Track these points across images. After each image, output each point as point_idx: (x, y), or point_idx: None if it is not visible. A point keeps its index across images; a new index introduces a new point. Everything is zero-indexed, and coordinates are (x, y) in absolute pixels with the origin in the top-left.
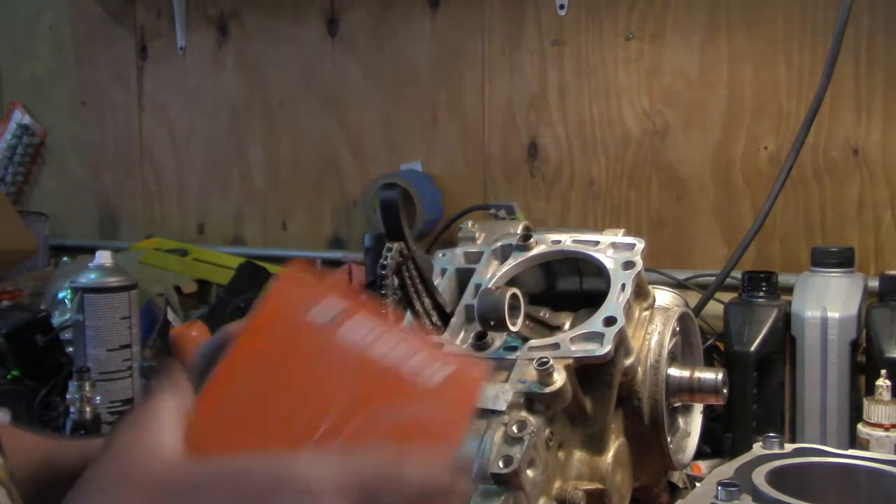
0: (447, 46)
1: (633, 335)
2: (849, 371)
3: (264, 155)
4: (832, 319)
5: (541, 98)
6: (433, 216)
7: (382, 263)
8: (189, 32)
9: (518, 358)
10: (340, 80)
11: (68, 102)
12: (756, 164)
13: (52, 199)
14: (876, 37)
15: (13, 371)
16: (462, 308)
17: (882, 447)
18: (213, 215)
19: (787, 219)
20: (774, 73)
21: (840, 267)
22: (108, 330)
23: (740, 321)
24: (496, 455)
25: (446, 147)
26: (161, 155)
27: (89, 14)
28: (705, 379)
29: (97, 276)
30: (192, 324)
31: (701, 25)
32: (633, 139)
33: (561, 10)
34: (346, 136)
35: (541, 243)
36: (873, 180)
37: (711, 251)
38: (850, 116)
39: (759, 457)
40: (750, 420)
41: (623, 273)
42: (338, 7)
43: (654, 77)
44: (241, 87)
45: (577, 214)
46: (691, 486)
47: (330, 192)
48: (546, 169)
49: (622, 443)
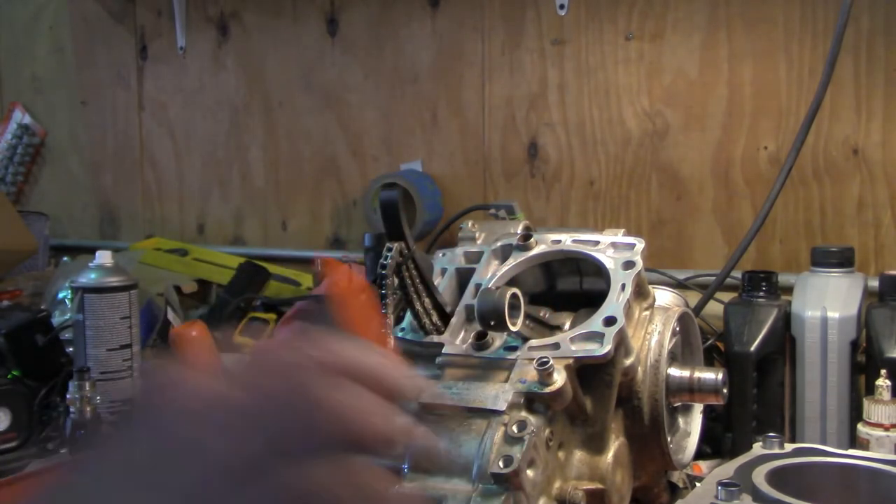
0: (447, 46)
1: (633, 335)
2: (849, 371)
3: (264, 155)
4: (832, 319)
5: (541, 98)
6: (433, 216)
7: (382, 263)
8: (189, 32)
9: (518, 358)
10: (340, 79)
11: (68, 102)
12: (756, 164)
13: (52, 199)
14: (876, 37)
15: (13, 371)
16: (462, 308)
17: (882, 447)
18: (213, 215)
19: (787, 219)
20: (774, 73)
21: (840, 267)
22: (108, 330)
23: (740, 321)
24: (496, 455)
25: (446, 147)
26: (161, 155)
27: (89, 14)
28: (705, 379)
29: (97, 276)
30: (192, 324)
31: (701, 25)
32: (633, 139)
33: (561, 9)
34: (346, 136)
35: (541, 243)
36: (873, 180)
37: (711, 251)
38: (850, 116)
39: (759, 457)
40: (750, 420)
41: (623, 273)
42: (338, 7)
43: (654, 77)
44: (241, 87)
45: (577, 214)
46: (691, 486)
47: (330, 192)
48: (546, 169)
49: (622, 443)
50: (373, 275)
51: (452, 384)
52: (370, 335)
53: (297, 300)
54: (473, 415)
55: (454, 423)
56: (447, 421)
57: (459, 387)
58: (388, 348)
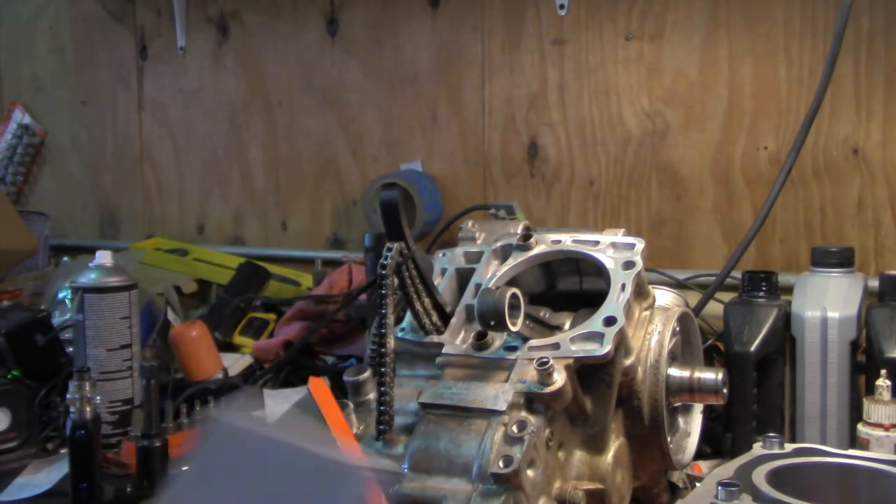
0: (447, 46)
1: (633, 335)
2: (849, 371)
3: (264, 155)
4: (832, 319)
5: (541, 98)
6: (433, 216)
7: (382, 263)
8: (189, 32)
9: (518, 358)
10: (340, 79)
11: (68, 102)
12: (756, 164)
13: (52, 199)
14: (876, 37)
15: (13, 371)
16: (462, 308)
17: (882, 447)
18: (213, 215)
19: (787, 219)
20: (774, 72)
21: (840, 267)
22: (108, 330)
23: (740, 321)
24: (496, 455)
25: (446, 147)
26: (161, 155)
27: (89, 14)
28: (705, 379)
29: (97, 276)
30: (192, 324)
31: (701, 25)
32: (633, 139)
33: (561, 9)
34: (346, 136)
35: (541, 243)
36: (873, 180)
37: (711, 251)
38: (850, 116)
39: (759, 457)
40: (750, 420)
41: (623, 273)
42: (338, 7)
43: (654, 77)
44: (241, 87)
45: (577, 214)
46: (691, 486)
47: (330, 192)
48: (546, 169)
49: (622, 443)
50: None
51: (452, 384)
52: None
53: (297, 300)
54: (473, 415)
55: (454, 423)
56: (447, 421)
57: (459, 387)
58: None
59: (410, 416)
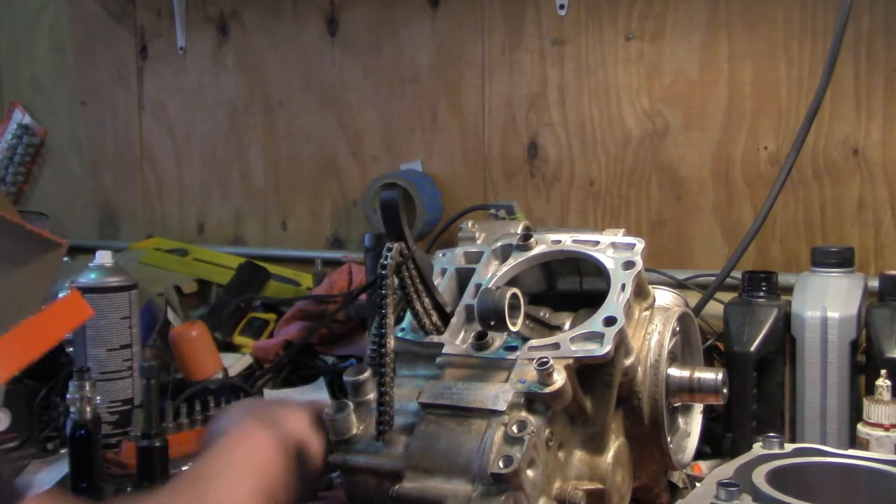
0: (447, 46)
1: (633, 335)
2: (849, 371)
3: (264, 155)
4: (832, 319)
5: (541, 98)
6: (433, 216)
7: (382, 263)
8: (189, 32)
9: (518, 358)
10: (340, 79)
11: (68, 102)
12: (756, 164)
13: (52, 199)
14: (876, 37)
15: None
16: (462, 308)
17: (882, 447)
18: (213, 215)
19: (787, 219)
20: (774, 72)
21: (840, 267)
22: (108, 330)
23: (740, 321)
24: (496, 455)
25: (446, 147)
26: (161, 155)
27: (89, 14)
28: (705, 379)
29: (97, 276)
30: (192, 324)
31: (701, 25)
32: (633, 139)
33: (561, 10)
34: (346, 136)
35: (541, 243)
36: (873, 180)
37: (711, 251)
38: (850, 116)
39: (759, 457)
40: (750, 420)
41: (623, 273)
42: (338, 7)
43: (654, 77)
44: (241, 87)
45: (577, 214)
46: (691, 486)
47: (330, 192)
48: (546, 169)
49: (622, 443)
50: (373, 275)
51: (452, 384)
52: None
53: (297, 300)
54: (473, 415)
55: (454, 423)
56: (447, 421)
57: (459, 387)
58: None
59: (410, 416)
